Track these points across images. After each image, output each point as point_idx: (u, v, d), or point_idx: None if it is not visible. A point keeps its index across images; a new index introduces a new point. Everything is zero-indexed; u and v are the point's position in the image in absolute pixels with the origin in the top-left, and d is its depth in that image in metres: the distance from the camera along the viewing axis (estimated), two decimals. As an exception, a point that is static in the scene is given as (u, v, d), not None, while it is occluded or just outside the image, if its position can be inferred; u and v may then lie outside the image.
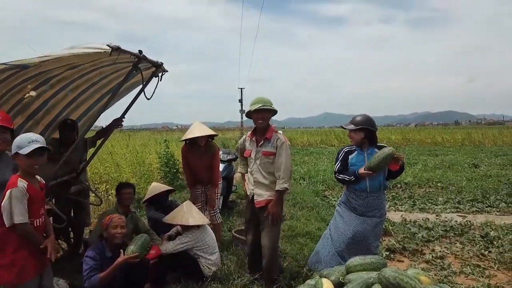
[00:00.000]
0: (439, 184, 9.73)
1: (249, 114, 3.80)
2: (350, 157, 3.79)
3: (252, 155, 3.84)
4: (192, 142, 4.90)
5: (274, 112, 3.82)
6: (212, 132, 4.92)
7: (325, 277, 2.63)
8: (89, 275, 3.24)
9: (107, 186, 8.26)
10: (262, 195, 3.75)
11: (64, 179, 4.24)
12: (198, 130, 4.82)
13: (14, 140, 2.69)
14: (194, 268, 3.88)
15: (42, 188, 2.84)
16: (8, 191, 2.54)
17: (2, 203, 2.54)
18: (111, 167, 9.28)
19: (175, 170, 9.24)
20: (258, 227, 3.85)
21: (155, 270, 3.96)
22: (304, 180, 10.84)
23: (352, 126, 3.69)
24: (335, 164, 3.94)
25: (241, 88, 48.54)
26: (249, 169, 3.92)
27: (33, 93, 3.62)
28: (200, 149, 4.86)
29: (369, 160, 3.59)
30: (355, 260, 2.72)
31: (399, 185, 9.57)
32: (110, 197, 7.39)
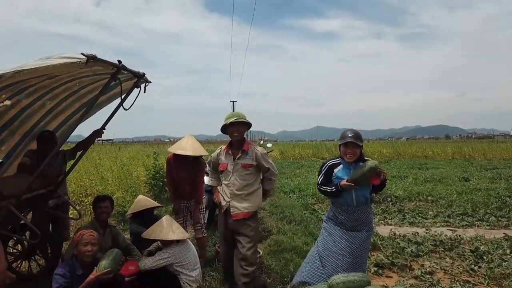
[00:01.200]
0: (429, 198, 9.66)
1: (224, 129, 3.86)
2: (335, 170, 3.71)
3: (229, 168, 3.86)
4: (181, 155, 4.79)
5: (249, 125, 3.90)
6: (205, 153, 4.81)
7: (307, 296, 2.51)
8: (59, 293, 3.09)
9: (91, 199, 8.08)
10: (239, 208, 3.79)
11: (40, 193, 4.09)
12: (191, 148, 4.65)
13: None
14: (175, 285, 3.74)
15: None
16: None
17: None
18: (96, 180, 9.11)
19: (162, 184, 9.07)
20: (232, 239, 3.89)
21: (134, 287, 3.80)
22: (294, 194, 10.71)
23: (359, 142, 3.60)
24: (318, 176, 3.86)
25: (233, 101, 48.71)
26: (225, 182, 3.92)
27: (7, 102, 3.49)
28: (187, 162, 4.74)
29: (352, 172, 3.52)
30: (338, 278, 2.61)
31: (389, 199, 9.49)
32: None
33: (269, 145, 11.64)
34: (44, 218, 4.55)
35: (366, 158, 3.70)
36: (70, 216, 5.11)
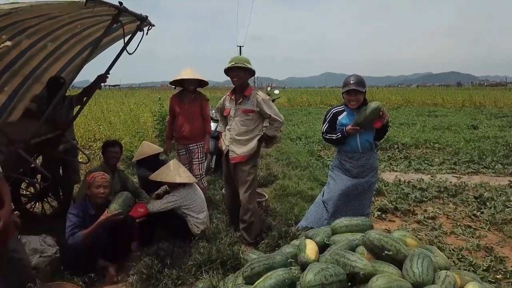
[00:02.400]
0: (436, 145, 9.62)
1: (227, 73, 3.85)
2: (339, 118, 3.68)
3: (231, 113, 3.92)
4: (182, 90, 4.73)
5: (250, 71, 3.85)
6: (203, 78, 4.68)
7: (310, 238, 2.57)
8: (72, 232, 3.21)
9: (99, 144, 8.19)
10: (236, 152, 3.86)
11: (48, 137, 4.13)
12: (186, 73, 4.58)
13: None
14: (182, 226, 3.85)
15: None
16: None
17: None
18: (104, 125, 9.17)
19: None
20: (234, 182, 3.99)
21: (143, 228, 3.93)
22: (301, 140, 10.74)
23: (362, 88, 3.52)
24: (322, 125, 3.85)
25: (240, 46, 47.45)
26: (227, 127, 3.98)
27: (8, 43, 3.42)
28: (188, 98, 4.68)
29: (356, 116, 3.49)
30: (341, 222, 2.64)
31: (395, 146, 9.47)
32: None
33: (276, 91, 11.46)
34: (54, 162, 4.64)
35: (369, 102, 3.64)
36: (79, 160, 5.19)
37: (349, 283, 2.02)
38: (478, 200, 5.25)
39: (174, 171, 3.95)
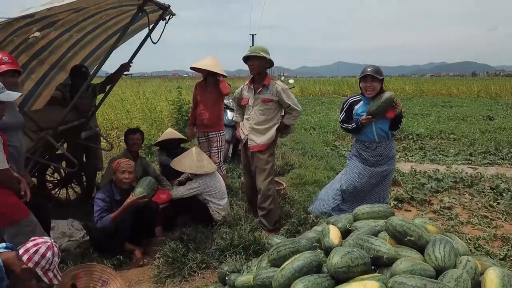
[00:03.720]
0: (451, 136, 9.59)
1: (246, 61, 3.95)
2: (356, 107, 3.74)
3: (250, 102, 3.99)
4: (206, 78, 4.82)
5: (269, 61, 3.90)
6: (221, 71, 4.73)
7: (332, 224, 2.64)
8: (101, 215, 3.33)
9: (118, 133, 8.35)
10: (255, 141, 3.94)
11: (74, 124, 4.26)
12: (205, 63, 4.63)
13: None
14: (204, 212, 3.96)
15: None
16: None
17: None
18: (122, 113, 9.31)
19: (187, 118, 9.22)
20: (252, 170, 4.07)
21: (166, 214, 4.05)
22: (315, 130, 10.77)
23: (379, 76, 3.56)
24: (340, 114, 3.92)
25: (253, 35, 47.22)
26: (246, 116, 4.06)
27: (37, 34, 3.54)
28: (211, 86, 4.76)
29: (369, 106, 3.55)
30: (363, 208, 2.71)
31: (410, 136, 9.46)
32: (121, 143, 7.47)
33: (291, 81, 11.45)
34: (78, 149, 4.79)
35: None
36: (102, 147, 5.33)
37: (373, 267, 2.10)
38: (495, 191, 5.27)
39: (196, 160, 4.03)
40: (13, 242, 2.49)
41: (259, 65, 3.88)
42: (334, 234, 2.41)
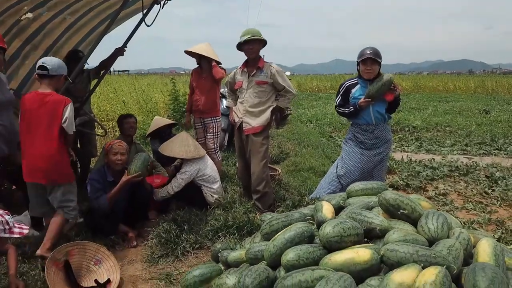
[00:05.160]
0: (447, 128, 9.60)
1: (240, 47, 3.90)
2: (353, 91, 3.70)
3: (244, 85, 3.96)
4: (201, 65, 4.80)
5: (264, 42, 3.92)
6: (215, 57, 4.69)
7: (326, 201, 2.63)
8: (97, 195, 3.30)
9: (113, 123, 8.31)
10: (250, 124, 3.93)
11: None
12: (201, 49, 4.62)
13: (57, 62, 3.06)
14: (198, 195, 3.93)
15: None
16: (69, 104, 2.95)
17: (67, 114, 2.92)
18: (117, 105, 9.28)
19: (183, 109, 9.19)
20: (247, 154, 4.05)
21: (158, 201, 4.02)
22: (311, 123, 10.76)
23: (379, 58, 3.54)
24: (336, 98, 3.88)
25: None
26: (239, 100, 4.03)
27: (29, 15, 3.51)
28: (206, 72, 4.74)
29: (369, 88, 3.52)
30: (357, 185, 2.70)
31: (406, 128, 9.47)
32: (116, 133, 7.43)
33: (287, 73, 11.46)
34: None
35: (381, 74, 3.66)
36: (96, 132, 5.29)
37: (365, 239, 2.09)
38: (490, 179, 5.27)
39: (183, 145, 3.98)
40: (63, 198, 3.06)
41: (258, 48, 3.89)
42: (327, 210, 2.40)
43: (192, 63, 4.93)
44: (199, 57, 4.66)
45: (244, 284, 1.80)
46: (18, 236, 2.29)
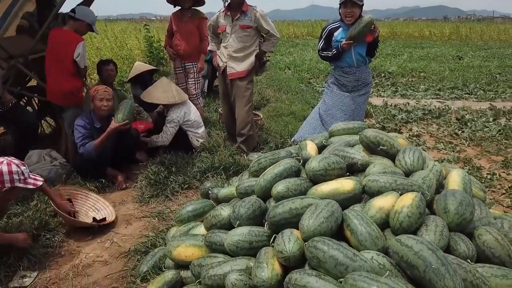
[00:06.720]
0: (422, 74, 9.81)
1: None
2: (335, 34, 3.74)
3: (228, 30, 3.92)
4: (181, 9, 4.72)
5: None
6: None
7: (309, 140, 2.76)
8: (83, 142, 3.33)
9: (88, 71, 8.09)
10: (235, 68, 3.94)
11: (44, 55, 4.12)
12: None
13: (86, 10, 3.74)
14: (183, 139, 4.01)
15: None
16: (81, 42, 3.52)
17: (80, 50, 3.48)
18: (91, 51, 8.98)
19: (160, 56, 9.00)
20: (231, 98, 4.10)
21: (147, 144, 4.08)
22: (289, 69, 10.75)
23: (359, 1, 3.54)
24: (318, 43, 3.91)
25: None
26: (223, 44, 4.00)
27: None
28: (186, 16, 4.67)
29: (350, 30, 3.57)
30: (339, 125, 2.83)
31: (382, 74, 9.63)
32: (92, 81, 7.27)
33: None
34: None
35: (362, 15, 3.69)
36: None
37: (348, 173, 2.25)
38: (460, 121, 5.56)
39: (164, 90, 3.99)
40: (71, 120, 3.61)
41: None
42: (311, 148, 2.53)
43: (163, 9, 4.85)
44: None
45: (239, 214, 1.96)
46: (32, 187, 2.36)
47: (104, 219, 2.91)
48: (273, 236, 1.82)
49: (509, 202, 3.26)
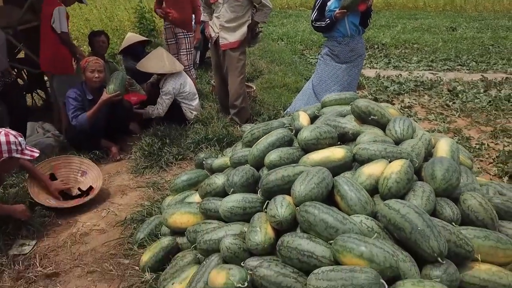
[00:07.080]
0: (415, 45, 9.76)
1: None
2: (328, 4, 3.71)
3: (220, 0, 3.83)
4: None
5: None
6: None
7: (302, 111, 2.79)
8: (75, 114, 3.33)
9: (77, 43, 7.95)
10: (227, 39, 3.89)
11: (34, 25, 4.04)
12: None
13: None
14: (177, 111, 4.02)
15: None
16: (57, 7, 3.46)
17: (55, 14, 3.45)
18: (80, 22, 8.80)
19: (152, 27, 8.82)
20: (224, 70, 4.08)
21: (140, 115, 4.08)
22: (282, 41, 10.61)
23: None
24: (312, 13, 3.88)
25: None
26: (215, 14, 3.94)
27: None
28: None
29: (343, 0, 3.55)
30: (331, 96, 2.86)
31: (376, 46, 9.56)
32: (84, 53, 7.16)
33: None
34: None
35: None
36: None
37: (339, 143, 2.30)
38: (451, 92, 5.60)
39: (159, 60, 3.96)
40: (59, 88, 3.71)
41: None
42: (303, 118, 2.56)
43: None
44: None
45: (233, 182, 2.01)
46: (29, 158, 2.41)
47: (91, 188, 2.93)
48: (266, 202, 1.87)
49: (496, 171, 3.35)
